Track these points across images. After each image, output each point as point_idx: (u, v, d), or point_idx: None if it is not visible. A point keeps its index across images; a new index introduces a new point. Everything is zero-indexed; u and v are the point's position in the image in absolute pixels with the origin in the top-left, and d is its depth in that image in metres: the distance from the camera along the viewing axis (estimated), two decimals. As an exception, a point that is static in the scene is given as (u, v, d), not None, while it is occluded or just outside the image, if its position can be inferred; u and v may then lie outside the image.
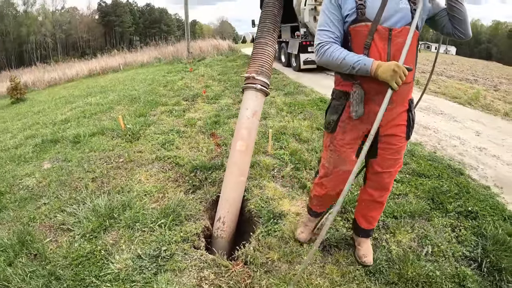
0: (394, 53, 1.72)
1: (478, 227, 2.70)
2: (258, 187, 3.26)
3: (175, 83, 10.38)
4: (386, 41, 1.72)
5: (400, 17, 1.71)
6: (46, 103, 10.51)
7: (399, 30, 1.71)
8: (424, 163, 3.89)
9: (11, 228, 2.97)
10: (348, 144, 1.97)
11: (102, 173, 3.83)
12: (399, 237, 2.58)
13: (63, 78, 18.82)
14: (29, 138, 5.94)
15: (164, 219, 2.70)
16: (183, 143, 4.66)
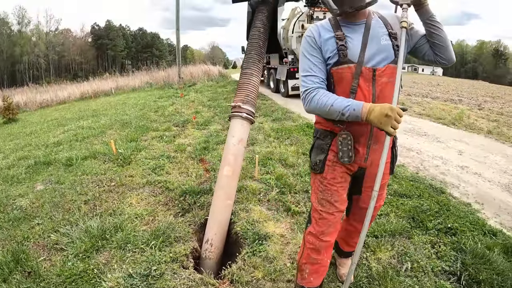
0: (379, 94, 1.69)
1: (457, 243, 2.88)
2: (245, 210, 3.43)
3: (166, 108, 10.60)
4: (370, 82, 1.68)
5: (384, 56, 1.68)
6: (38, 124, 10.59)
7: (382, 69, 1.68)
8: (406, 184, 4.12)
9: (5, 246, 3.08)
10: (339, 182, 1.88)
11: (94, 196, 3.96)
12: (379, 255, 2.74)
13: (55, 100, 18.88)
14: (22, 159, 6.04)
15: (154, 241, 2.86)
16: (173, 168, 4.84)
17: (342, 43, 1.69)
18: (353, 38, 1.71)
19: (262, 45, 3.32)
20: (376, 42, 1.68)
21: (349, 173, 1.90)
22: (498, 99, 15.05)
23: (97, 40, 74.98)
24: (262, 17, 3.46)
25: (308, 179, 4.12)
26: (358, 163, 1.85)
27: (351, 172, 1.90)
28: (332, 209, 1.90)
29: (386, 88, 1.69)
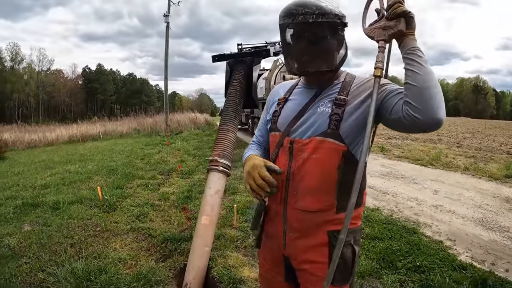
0: (295, 171, 1.42)
1: (425, 280, 3.05)
2: (222, 256, 3.69)
3: (152, 156, 10.92)
4: (288, 155, 1.45)
5: (311, 125, 1.40)
6: (26, 165, 10.71)
7: (304, 142, 1.40)
8: (378, 227, 4.36)
9: (-7, 283, 3.27)
10: (270, 264, 1.64)
11: (80, 239, 4.19)
12: None
13: (43, 141, 19.00)
14: (9, 198, 6.21)
15: (136, 283, 3.10)
16: (156, 216, 5.10)
17: (277, 109, 1.57)
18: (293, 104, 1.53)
19: (238, 102, 3.70)
20: (313, 110, 1.42)
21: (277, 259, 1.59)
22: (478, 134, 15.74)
23: (88, 84, 76.03)
24: (239, 76, 3.84)
25: None
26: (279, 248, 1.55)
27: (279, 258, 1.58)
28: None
29: (306, 166, 1.39)
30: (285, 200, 1.46)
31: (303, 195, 1.41)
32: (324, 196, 1.39)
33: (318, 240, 1.42)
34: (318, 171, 1.37)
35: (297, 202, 1.43)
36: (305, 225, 1.43)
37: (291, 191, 1.43)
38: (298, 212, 1.43)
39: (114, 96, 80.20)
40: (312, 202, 1.40)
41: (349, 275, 1.45)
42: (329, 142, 1.35)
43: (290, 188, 1.43)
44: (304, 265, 1.47)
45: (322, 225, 1.41)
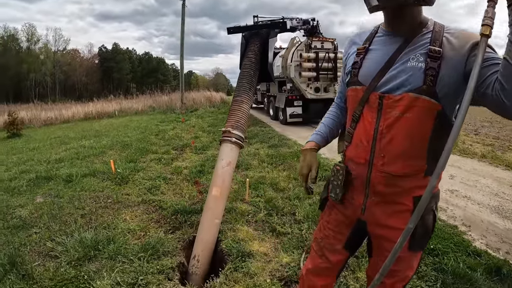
0: (383, 131, 1.29)
1: (439, 263, 2.93)
2: (232, 230, 3.60)
3: (166, 132, 10.90)
4: (375, 112, 1.31)
5: (404, 80, 1.25)
6: (42, 141, 10.86)
7: (396, 98, 1.25)
8: None
9: (2, 250, 3.27)
10: (333, 230, 1.61)
11: (91, 210, 4.16)
12: (358, 274, 2.77)
13: (59, 119, 19.29)
14: (24, 172, 6.27)
15: (143, 253, 3.04)
16: (168, 189, 5.05)
17: (357, 60, 1.40)
18: (377, 54, 1.35)
19: (253, 74, 3.59)
20: (403, 62, 1.26)
21: (346, 224, 1.56)
22: (496, 124, 15.18)
23: (104, 63, 76.54)
24: (254, 48, 3.74)
25: (296, 202, 4.33)
26: (355, 212, 1.48)
27: (349, 223, 1.55)
28: (321, 252, 1.67)
29: (397, 126, 1.26)
30: (370, 162, 1.35)
31: (391, 158, 1.30)
32: (414, 160, 1.29)
33: (402, 206, 1.35)
34: (410, 132, 1.25)
35: (384, 165, 1.32)
36: (391, 190, 1.34)
37: (377, 153, 1.32)
38: (384, 175, 1.32)
39: (130, 75, 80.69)
40: (402, 166, 1.29)
41: (427, 242, 1.43)
42: (424, 100, 1.21)
43: (377, 149, 1.32)
44: (383, 230, 1.40)
45: (409, 191, 1.33)
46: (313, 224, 3.68)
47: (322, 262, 1.67)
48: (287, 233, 3.55)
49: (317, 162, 1.59)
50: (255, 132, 10.39)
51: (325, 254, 1.65)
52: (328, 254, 1.64)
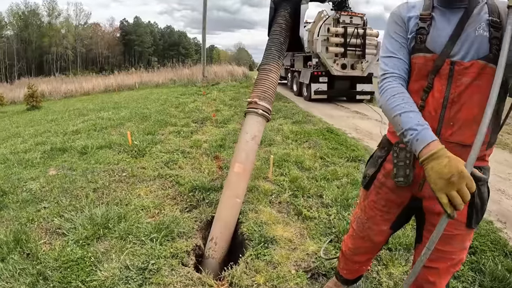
0: (454, 99, 1.29)
1: (476, 263, 2.65)
2: (254, 211, 3.30)
3: (186, 105, 10.64)
4: (446, 80, 1.30)
5: (472, 48, 1.27)
6: (60, 113, 10.82)
7: (466, 65, 1.27)
8: None
9: (8, 226, 3.08)
10: (380, 210, 1.57)
11: (104, 184, 3.94)
12: (392, 269, 2.52)
13: (79, 91, 19.39)
14: (39, 144, 6.13)
15: (156, 234, 2.77)
16: (186, 163, 4.77)
17: (423, 25, 1.35)
18: (442, 23, 1.33)
19: (283, 41, 3.24)
20: (469, 32, 1.28)
21: (397, 204, 1.52)
22: None
23: (125, 36, 76.70)
24: (285, 13, 3.39)
25: (323, 184, 3.97)
26: (411, 190, 1.45)
27: (401, 202, 1.51)
28: (363, 233, 1.67)
29: (467, 93, 1.27)
30: (438, 130, 1.32)
31: (461, 127, 1.30)
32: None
33: None
34: (480, 99, 1.24)
35: (452, 134, 1.31)
36: None
37: (446, 122, 1.32)
38: (452, 146, 1.27)
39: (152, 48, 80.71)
40: (470, 135, 1.25)
41: (482, 217, 1.41)
42: (491, 68, 1.22)
43: (446, 118, 1.31)
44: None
45: None
46: (342, 209, 3.34)
47: (364, 243, 1.70)
48: (313, 218, 3.23)
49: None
50: (278, 108, 9.98)
51: (369, 235, 1.65)
52: (372, 236, 1.64)
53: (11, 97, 18.53)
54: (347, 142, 6.06)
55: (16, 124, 9.76)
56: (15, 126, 9.24)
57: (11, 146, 6.34)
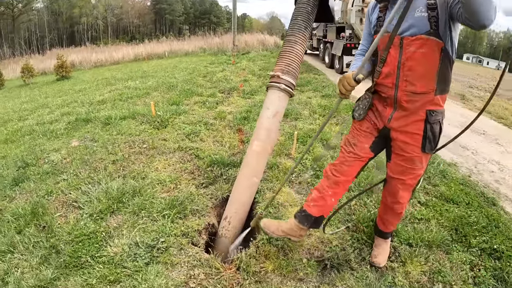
0: (405, 62, 1.82)
1: (500, 270, 2.35)
2: (272, 190, 3.20)
3: (215, 74, 10.52)
4: (398, 50, 1.82)
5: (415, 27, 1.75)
6: (89, 83, 11.04)
7: (411, 39, 1.76)
8: (455, 187, 3.53)
9: (28, 198, 3.17)
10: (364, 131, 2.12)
11: (123, 156, 3.95)
12: (409, 267, 2.35)
13: (109, 60, 19.71)
14: (65, 115, 6.28)
15: (169, 211, 2.75)
16: (208, 136, 4.71)
17: (381, 15, 1.92)
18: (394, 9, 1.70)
19: (310, 11, 2.96)
20: (412, 14, 1.74)
21: (375, 128, 2.10)
22: None
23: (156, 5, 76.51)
24: None
25: None
26: (383, 121, 2.03)
27: (377, 128, 2.09)
28: (349, 149, 2.15)
29: (414, 58, 1.78)
30: (396, 85, 1.89)
31: (412, 81, 1.84)
32: (428, 81, 1.82)
33: (418, 116, 1.91)
34: (423, 62, 1.77)
35: (407, 86, 1.86)
36: (413, 105, 1.89)
37: (401, 78, 1.86)
38: (407, 93, 1.87)
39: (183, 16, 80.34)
40: (419, 86, 1.83)
41: (435, 147, 1.97)
42: (432, 40, 1.72)
43: (401, 75, 1.86)
44: (403, 135, 1.96)
45: (423, 105, 1.88)
46: (365, 195, 3.16)
47: (349, 156, 2.13)
48: None
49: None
50: (308, 80, 9.61)
51: (354, 149, 2.13)
52: (358, 150, 2.12)
53: (42, 68, 19.11)
54: None
55: (45, 94, 10.06)
56: (44, 97, 9.52)
57: (38, 117, 6.53)
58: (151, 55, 20.94)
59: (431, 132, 1.90)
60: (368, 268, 2.30)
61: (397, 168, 2.05)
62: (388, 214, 2.28)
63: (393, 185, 2.12)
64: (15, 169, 3.91)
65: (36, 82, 14.85)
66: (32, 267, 2.27)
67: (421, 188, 3.34)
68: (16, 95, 11.66)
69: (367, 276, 2.23)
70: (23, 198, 3.21)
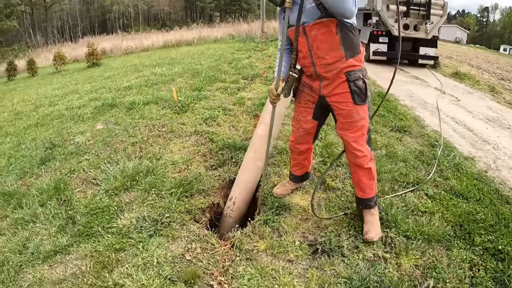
0: (312, 44, 2.20)
1: (502, 272, 2.23)
2: (278, 175, 3.31)
3: (240, 61, 10.62)
4: (304, 36, 2.22)
5: (309, 15, 2.13)
6: (118, 69, 11.46)
7: (311, 25, 2.15)
8: (467, 181, 3.37)
9: (52, 176, 3.46)
10: (303, 106, 2.54)
11: (142, 139, 4.18)
12: (403, 260, 2.30)
13: (139, 47, 20.25)
14: (93, 100, 6.62)
15: (176, 189, 2.95)
16: (225, 121, 4.86)
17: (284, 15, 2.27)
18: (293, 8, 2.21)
19: None
20: (305, 6, 2.13)
21: (312, 101, 2.50)
22: None
23: (186, -9, 76.89)
24: None
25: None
26: (316, 92, 2.43)
27: (314, 100, 2.49)
28: (297, 125, 2.63)
29: (318, 38, 2.17)
30: (313, 63, 2.28)
31: (322, 55, 2.23)
32: (335, 52, 2.20)
33: (340, 79, 2.27)
34: (325, 38, 2.17)
35: (321, 61, 2.24)
36: (331, 73, 2.26)
37: (314, 56, 2.26)
38: (323, 66, 2.25)
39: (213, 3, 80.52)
40: (330, 58, 2.21)
41: (365, 98, 2.31)
42: (325, 21, 2.11)
43: (313, 55, 2.25)
44: (334, 97, 2.33)
45: (341, 70, 2.24)
46: None
47: (299, 131, 2.62)
48: (337, 189, 3.10)
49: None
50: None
51: (301, 125, 2.59)
52: (303, 124, 2.58)
53: (74, 56, 19.98)
54: (397, 109, 5.64)
55: (76, 81, 10.57)
56: (74, 83, 10.02)
57: (67, 102, 6.93)
58: (180, 41, 21.30)
59: (356, 87, 2.26)
60: (360, 257, 2.30)
61: (342, 126, 2.36)
62: (359, 175, 2.45)
63: (345, 142, 2.39)
64: (43, 149, 4.24)
65: (67, 69, 15.57)
66: (50, 234, 2.54)
67: (430, 180, 3.33)
68: (48, 82, 12.29)
69: (357, 264, 2.23)
70: (48, 176, 3.51)
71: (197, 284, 2.09)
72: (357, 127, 2.33)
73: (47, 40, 37.61)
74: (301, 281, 2.15)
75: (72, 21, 54.74)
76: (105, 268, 2.19)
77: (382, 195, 2.99)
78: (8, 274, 2.21)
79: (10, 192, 3.29)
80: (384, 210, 2.71)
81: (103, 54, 14.87)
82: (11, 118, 7.05)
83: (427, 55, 11.25)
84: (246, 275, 2.16)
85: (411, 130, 4.72)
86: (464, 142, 4.67)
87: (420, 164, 3.68)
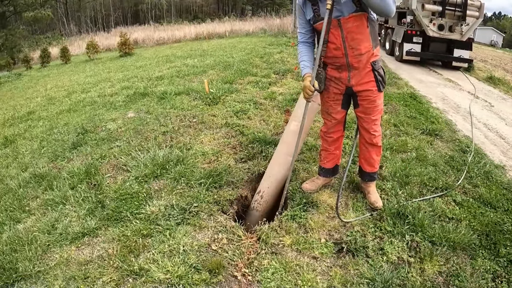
0: (347, 35, 2.36)
1: None
2: (307, 171, 3.28)
3: (272, 55, 10.58)
4: (338, 28, 2.35)
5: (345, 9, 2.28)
6: (149, 59, 11.65)
7: (346, 17, 2.30)
8: (496, 190, 3.25)
9: (84, 160, 3.56)
10: (332, 99, 2.68)
11: (173, 129, 4.23)
12: (426, 265, 2.28)
13: (171, 39, 20.53)
14: (125, 89, 6.76)
15: (205, 179, 2.96)
16: (256, 115, 4.85)
17: (315, 7, 2.40)
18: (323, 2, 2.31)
19: None
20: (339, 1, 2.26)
21: (340, 92, 2.65)
22: None
23: (219, -15, 77.25)
24: None
25: (387, 154, 3.73)
26: (344, 83, 2.58)
27: (341, 91, 2.64)
28: (328, 117, 2.80)
29: (352, 30, 2.34)
30: (346, 54, 2.44)
31: (356, 47, 2.41)
32: (366, 43, 2.42)
33: (367, 69, 2.52)
34: (359, 30, 2.36)
35: (354, 52, 2.42)
36: (361, 64, 2.48)
37: (348, 47, 2.41)
38: (356, 56, 2.44)
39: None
40: (363, 48, 2.43)
41: (384, 85, 2.62)
42: (360, 14, 2.30)
43: (347, 46, 2.40)
44: (361, 86, 2.56)
45: (367, 60, 2.48)
46: (398, 186, 3.10)
47: (332, 122, 2.79)
48: None
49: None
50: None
51: (333, 116, 2.75)
52: (334, 116, 2.75)
53: (107, 45, 20.51)
54: (429, 112, 5.47)
55: (108, 69, 10.82)
56: (106, 72, 10.26)
57: (100, 89, 7.10)
58: (212, 34, 21.45)
59: (380, 76, 2.54)
60: (384, 259, 2.29)
61: (366, 110, 2.63)
62: (371, 152, 2.78)
63: (366, 123, 2.67)
64: (75, 134, 4.36)
65: (100, 58, 15.98)
66: (79, 217, 2.62)
67: (459, 187, 3.22)
68: (81, 70, 12.67)
69: (381, 266, 2.23)
70: (79, 160, 3.60)
71: (221, 274, 2.11)
72: (378, 111, 2.65)
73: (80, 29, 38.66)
74: (324, 278, 2.15)
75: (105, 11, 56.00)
76: (132, 252, 2.24)
77: (410, 198, 2.93)
78: (35, 252, 2.30)
79: (41, 174, 3.41)
80: (411, 213, 2.68)
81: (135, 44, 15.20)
82: (44, 103, 7.31)
83: (461, 57, 10.92)
84: (271, 268, 2.18)
85: (442, 134, 4.57)
86: (495, 149, 4.48)
87: (450, 169, 3.57)
